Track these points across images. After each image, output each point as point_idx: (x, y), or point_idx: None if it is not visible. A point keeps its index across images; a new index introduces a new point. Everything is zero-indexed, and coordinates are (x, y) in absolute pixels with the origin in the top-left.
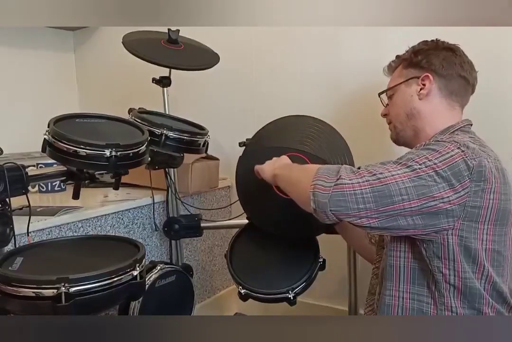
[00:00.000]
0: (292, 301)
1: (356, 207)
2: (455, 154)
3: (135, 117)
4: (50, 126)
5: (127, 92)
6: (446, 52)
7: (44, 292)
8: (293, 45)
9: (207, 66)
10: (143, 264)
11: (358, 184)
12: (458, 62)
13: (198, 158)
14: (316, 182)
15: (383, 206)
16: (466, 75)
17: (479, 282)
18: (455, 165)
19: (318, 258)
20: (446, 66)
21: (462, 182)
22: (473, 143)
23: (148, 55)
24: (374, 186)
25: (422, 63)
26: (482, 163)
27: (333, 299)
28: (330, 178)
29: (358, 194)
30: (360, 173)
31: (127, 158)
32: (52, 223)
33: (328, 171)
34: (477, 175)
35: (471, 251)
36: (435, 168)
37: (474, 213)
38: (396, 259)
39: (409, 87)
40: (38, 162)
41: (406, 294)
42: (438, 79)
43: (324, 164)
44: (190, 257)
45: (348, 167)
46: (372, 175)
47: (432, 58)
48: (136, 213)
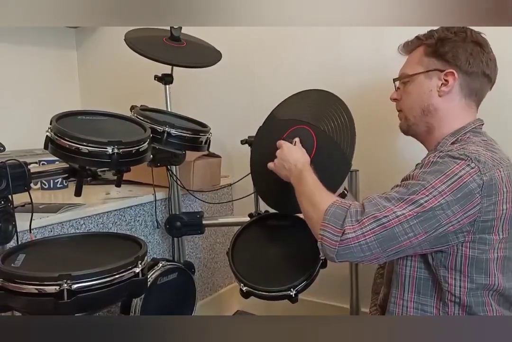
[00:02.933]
0: (294, 298)
1: (363, 255)
2: (464, 174)
3: (137, 115)
4: (53, 123)
5: (129, 89)
6: (474, 46)
7: (47, 288)
8: (295, 44)
9: (209, 63)
10: (145, 261)
11: (362, 235)
12: (485, 59)
13: (200, 156)
14: (323, 233)
15: (389, 247)
16: (490, 73)
17: (485, 292)
18: (464, 186)
19: (319, 255)
20: (473, 63)
21: (472, 201)
22: (486, 150)
23: (150, 53)
24: (378, 233)
25: (447, 57)
26: (493, 176)
27: (335, 297)
28: (336, 230)
29: (363, 244)
30: (364, 222)
31: (129, 156)
32: (54, 220)
33: (335, 219)
34: (488, 190)
35: (482, 262)
36: (443, 196)
37: (487, 226)
38: (403, 267)
39: (429, 79)
40: (40, 159)
41: (410, 304)
42: (462, 76)
43: (331, 205)
44: (192, 254)
45: (353, 212)
46: (375, 220)
47: (460, 52)
48: (138, 210)
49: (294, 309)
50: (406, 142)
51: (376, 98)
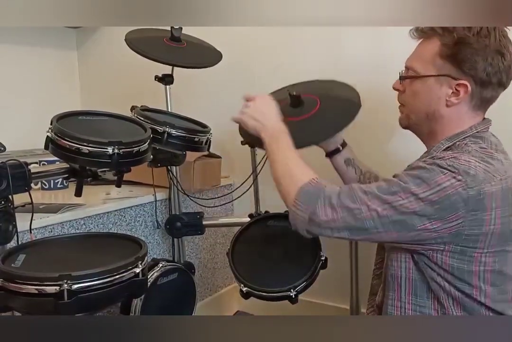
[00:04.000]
0: (294, 299)
1: (331, 235)
2: (447, 186)
3: (138, 115)
4: (53, 123)
5: (130, 90)
6: (495, 55)
7: (47, 289)
8: (295, 44)
9: (210, 64)
10: (145, 262)
11: (333, 220)
12: (505, 68)
13: (200, 156)
14: (295, 210)
15: (358, 235)
16: (507, 81)
17: (477, 297)
18: (446, 198)
19: (319, 256)
20: (491, 74)
21: (454, 214)
22: (480, 161)
23: (150, 53)
24: (349, 223)
25: (463, 66)
26: (482, 190)
27: (335, 297)
28: (308, 209)
29: (334, 227)
30: (336, 209)
31: (129, 156)
32: (54, 220)
33: (309, 198)
34: (474, 205)
35: (464, 273)
36: (419, 203)
37: (471, 240)
38: (398, 269)
39: (439, 85)
40: (40, 159)
41: (408, 305)
42: (475, 88)
43: (307, 184)
44: (192, 255)
45: (328, 195)
46: (348, 211)
47: (478, 62)
48: (138, 211)
49: (294, 309)
50: (405, 142)
51: (376, 98)
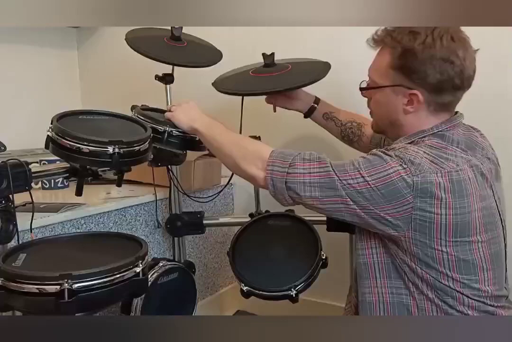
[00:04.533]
0: (294, 298)
1: (303, 195)
2: (392, 172)
3: (138, 114)
4: (53, 123)
5: (130, 89)
6: (442, 63)
7: (47, 288)
8: (296, 43)
9: (210, 63)
10: (145, 261)
11: (309, 173)
12: (456, 74)
13: (201, 156)
14: (272, 168)
15: (327, 197)
16: (463, 84)
17: (446, 282)
18: (391, 184)
19: (320, 255)
20: (442, 81)
21: (402, 199)
22: (428, 153)
23: (151, 52)
24: (322, 178)
25: (413, 77)
26: (427, 179)
27: (335, 296)
28: (284, 163)
29: (307, 182)
30: (312, 164)
31: (130, 155)
32: (55, 219)
33: (283, 156)
34: (422, 191)
35: (428, 260)
36: (366, 186)
37: (426, 227)
38: (369, 256)
39: (395, 94)
40: (41, 159)
41: (385, 289)
42: (429, 95)
43: (275, 149)
44: (192, 254)
45: (303, 154)
46: (323, 166)
47: (427, 72)
48: (139, 210)
49: (294, 309)
50: None
51: None
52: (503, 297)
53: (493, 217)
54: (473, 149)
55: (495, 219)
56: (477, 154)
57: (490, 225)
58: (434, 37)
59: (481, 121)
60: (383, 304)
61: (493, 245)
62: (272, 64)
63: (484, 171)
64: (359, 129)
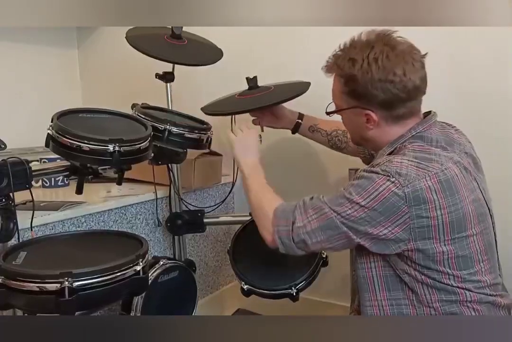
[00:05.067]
0: (295, 297)
1: (311, 242)
2: (384, 189)
3: (139, 113)
4: (54, 121)
5: (130, 87)
6: (383, 83)
7: (48, 286)
8: (297, 42)
9: (211, 61)
10: (146, 259)
11: (308, 222)
12: (399, 90)
13: (201, 154)
14: (277, 229)
15: (332, 236)
16: (410, 96)
17: (447, 281)
18: (385, 201)
19: (320, 254)
20: (387, 98)
21: (399, 212)
22: (412, 159)
23: (151, 51)
24: (321, 221)
25: (362, 100)
26: (418, 186)
27: (336, 295)
28: (288, 222)
29: (310, 231)
30: (308, 212)
31: (130, 154)
32: (55, 217)
33: (285, 215)
34: (414, 199)
35: (429, 263)
36: (364, 210)
37: (425, 232)
38: (368, 270)
39: (354, 115)
40: (41, 157)
41: (385, 302)
42: (381, 112)
43: (277, 207)
44: (193, 253)
45: (301, 204)
46: (318, 211)
47: (371, 94)
48: (139, 208)
49: (295, 307)
50: None
51: None
52: (498, 284)
53: (482, 208)
54: (451, 145)
55: (484, 209)
56: (456, 150)
57: (482, 216)
58: (370, 61)
59: (481, 121)
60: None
61: (486, 236)
62: (255, 86)
63: (465, 165)
64: (345, 136)
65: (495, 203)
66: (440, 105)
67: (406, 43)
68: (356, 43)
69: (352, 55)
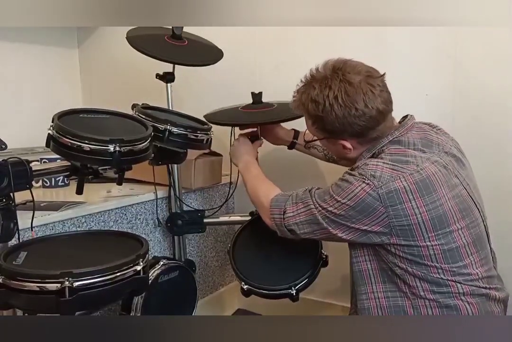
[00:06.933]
0: (295, 297)
1: (301, 232)
2: (359, 191)
3: (139, 113)
4: (54, 121)
5: (131, 88)
6: (346, 119)
7: (48, 286)
8: (297, 41)
9: (211, 62)
10: (146, 259)
11: (298, 214)
12: (366, 119)
13: (201, 154)
14: (273, 216)
15: (316, 230)
16: (377, 121)
17: (437, 275)
18: (361, 202)
19: (320, 254)
20: (356, 129)
21: (376, 212)
22: (388, 162)
23: (152, 51)
24: (307, 216)
25: (333, 135)
26: (392, 187)
27: (336, 295)
28: (280, 211)
29: (298, 222)
30: (299, 205)
31: (130, 154)
32: (55, 217)
33: (279, 204)
34: (390, 200)
35: (417, 258)
36: (343, 208)
37: (406, 230)
38: (363, 263)
39: (331, 144)
40: (42, 157)
41: (381, 294)
42: (354, 140)
43: (274, 197)
44: (193, 253)
45: (294, 196)
46: (306, 206)
47: (339, 128)
48: (139, 208)
49: (295, 307)
50: None
51: None
52: (493, 277)
53: (466, 203)
54: (430, 147)
55: (469, 204)
56: (434, 151)
57: (466, 210)
58: (331, 101)
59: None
60: (380, 308)
61: (473, 229)
62: (259, 101)
63: (445, 164)
64: None
65: (495, 203)
66: (440, 105)
67: (362, 70)
68: (315, 79)
69: (314, 96)
